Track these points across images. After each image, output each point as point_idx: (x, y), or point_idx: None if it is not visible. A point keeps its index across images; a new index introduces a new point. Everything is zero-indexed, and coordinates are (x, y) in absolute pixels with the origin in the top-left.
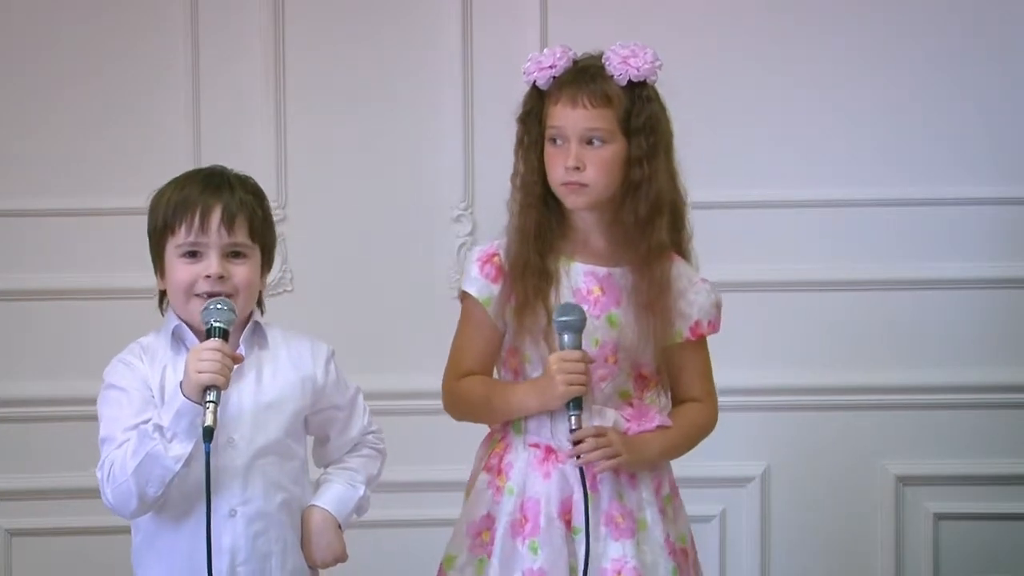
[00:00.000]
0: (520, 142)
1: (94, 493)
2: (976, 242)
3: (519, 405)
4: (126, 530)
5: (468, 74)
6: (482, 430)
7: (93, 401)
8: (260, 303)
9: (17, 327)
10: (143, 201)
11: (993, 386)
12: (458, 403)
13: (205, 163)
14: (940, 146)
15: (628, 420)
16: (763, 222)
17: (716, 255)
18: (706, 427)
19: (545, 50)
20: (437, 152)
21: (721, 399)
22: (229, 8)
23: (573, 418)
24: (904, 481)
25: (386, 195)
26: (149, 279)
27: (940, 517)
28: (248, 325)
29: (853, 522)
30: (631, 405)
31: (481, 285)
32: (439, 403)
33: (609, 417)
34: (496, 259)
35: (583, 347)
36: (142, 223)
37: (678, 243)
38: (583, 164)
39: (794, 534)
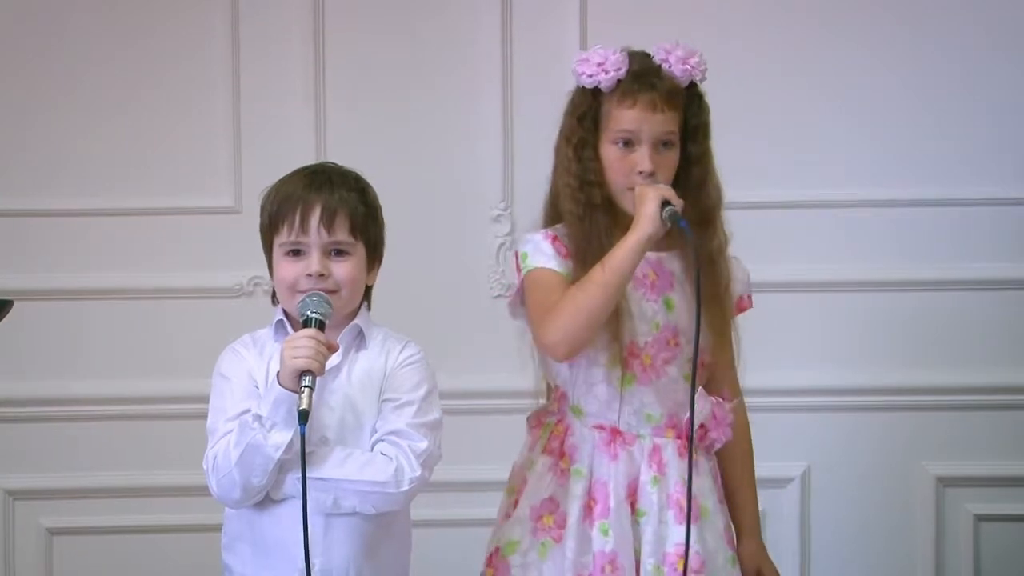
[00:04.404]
0: (569, 142)
1: (134, 492)
2: None
3: (622, 253)
4: (165, 529)
5: (507, 73)
6: (523, 426)
7: (136, 400)
8: (368, 298)
9: (67, 327)
10: (185, 200)
11: None
12: (567, 310)
13: (244, 161)
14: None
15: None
16: (801, 222)
17: (755, 255)
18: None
19: (598, 50)
20: (476, 151)
21: (761, 400)
22: (269, 6)
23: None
24: (944, 482)
25: (425, 195)
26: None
27: (981, 518)
28: (349, 326)
29: (893, 523)
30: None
31: (560, 260)
32: (477, 402)
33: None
34: (559, 241)
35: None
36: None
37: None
38: (657, 169)
39: (834, 535)
